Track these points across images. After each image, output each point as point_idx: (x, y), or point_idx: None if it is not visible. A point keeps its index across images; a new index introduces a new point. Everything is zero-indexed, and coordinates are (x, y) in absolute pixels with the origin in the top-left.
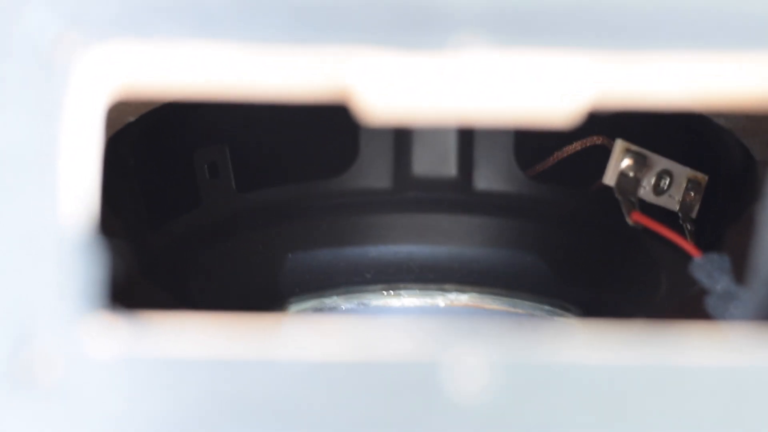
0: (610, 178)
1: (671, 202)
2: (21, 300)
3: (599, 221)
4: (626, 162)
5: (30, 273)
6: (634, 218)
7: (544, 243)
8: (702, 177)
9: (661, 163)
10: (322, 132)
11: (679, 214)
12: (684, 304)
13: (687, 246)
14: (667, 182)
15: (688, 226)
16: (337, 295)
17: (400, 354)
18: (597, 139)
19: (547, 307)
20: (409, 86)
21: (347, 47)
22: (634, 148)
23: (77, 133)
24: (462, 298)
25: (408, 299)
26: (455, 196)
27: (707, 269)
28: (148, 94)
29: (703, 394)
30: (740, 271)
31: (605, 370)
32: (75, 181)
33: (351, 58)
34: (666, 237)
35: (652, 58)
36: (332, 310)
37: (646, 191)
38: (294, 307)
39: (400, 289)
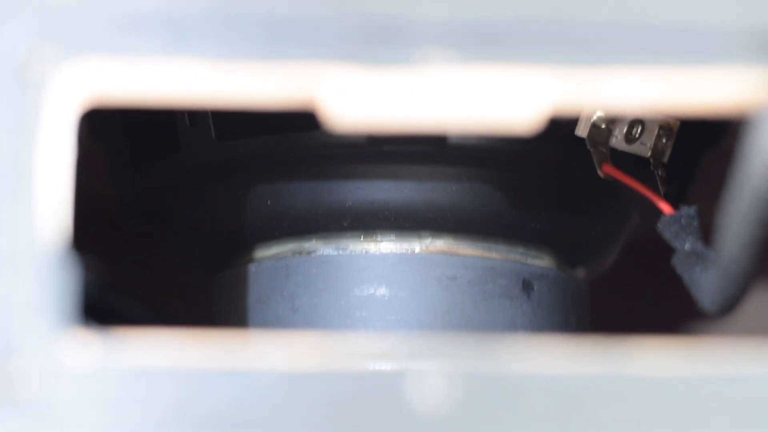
0: (582, 130)
1: (643, 149)
2: None
3: (571, 167)
4: (598, 113)
5: (6, 289)
6: (605, 170)
7: (516, 189)
8: (674, 122)
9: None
10: None
11: (651, 161)
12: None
13: (658, 201)
14: (639, 130)
15: (660, 172)
16: (316, 239)
17: (365, 365)
18: None
19: (521, 249)
20: (375, 99)
21: (314, 62)
22: None
23: (51, 148)
24: (437, 243)
25: (385, 244)
26: (429, 149)
27: (675, 228)
28: (120, 105)
29: (657, 405)
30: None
31: (562, 380)
32: (50, 196)
33: (318, 73)
34: (637, 190)
35: (607, 71)
36: (310, 253)
37: (617, 140)
38: (273, 249)
39: (377, 234)
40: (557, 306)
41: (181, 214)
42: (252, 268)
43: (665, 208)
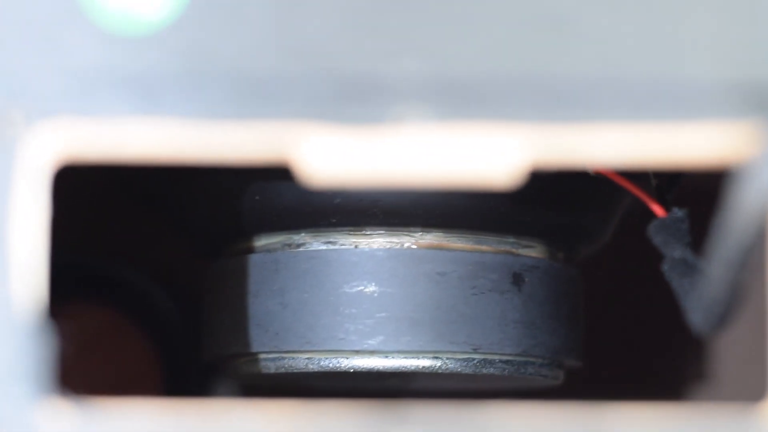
0: None
1: None
2: None
3: None
4: None
5: None
6: (597, 168)
7: None
8: None
9: None
10: None
11: None
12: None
13: (651, 203)
14: None
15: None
16: (305, 232)
17: None
18: None
19: (512, 239)
20: (351, 157)
21: (288, 121)
22: None
23: (25, 211)
24: (427, 237)
25: (375, 238)
26: None
27: (664, 234)
28: (93, 164)
29: None
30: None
31: None
32: (25, 262)
33: (292, 132)
34: (629, 190)
35: (587, 127)
36: (299, 246)
37: None
38: (263, 240)
39: (366, 231)
40: (548, 297)
41: (171, 199)
42: (242, 260)
43: (657, 210)
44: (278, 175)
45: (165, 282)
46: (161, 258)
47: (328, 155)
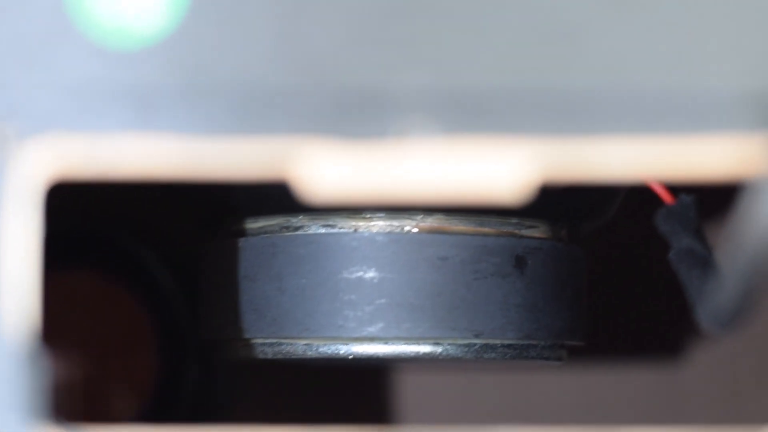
0: None
1: None
2: None
3: None
4: None
5: None
6: None
7: None
8: None
9: None
10: None
11: None
12: None
13: (658, 189)
14: None
15: None
16: (304, 215)
17: None
18: None
19: (515, 219)
20: (353, 173)
21: (289, 137)
22: None
23: (16, 230)
24: (429, 220)
25: (374, 222)
26: None
27: (671, 223)
28: (88, 181)
29: None
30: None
31: None
32: (17, 285)
33: (293, 148)
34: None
35: (598, 140)
36: (297, 229)
37: None
38: (260, 222)
39: (366, 213)
40: (552, 279)
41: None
42: (238, 243)
43: (665, 197)
44: None
45: (166, 256)
46: (162, 231)
47: (330, 171)
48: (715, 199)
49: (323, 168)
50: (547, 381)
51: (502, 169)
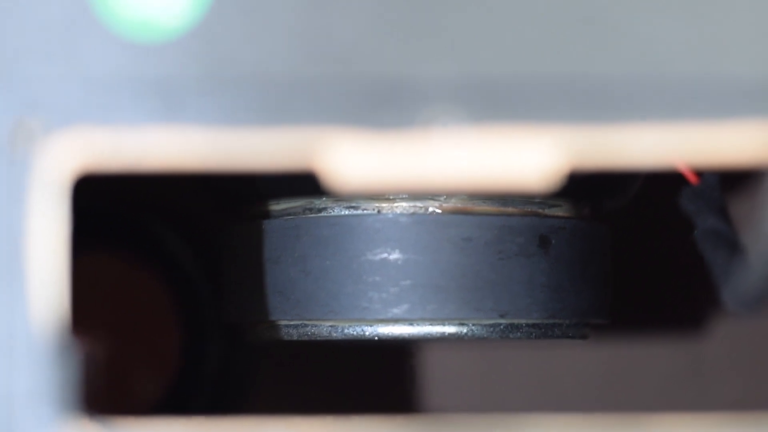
0: None
1: None
2: None
3: None
4: None
5: (4, 379)
6: None
7: None
8: None
9: None
10: None
11: None
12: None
13: (684, 171)
14: None
15: None
16: (327, 196)
17: None
18: None
19: (538, 199)
20: (381, 163)
21: (316, 127)
22: None
23: (43, 224)
24: (452, 201)
25: (398, 203)
26: None
27: (696, 202)
28: (114, 174)
29: None
30: None
31: None
32: (45, 279)
33: (320, 138)
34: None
35: (624, 127)
36: (321, 211)
37: None
38: (283, 204)
39: (389, 194)
40: (575, 258)
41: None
42: (262, 225)
43: (690, 176)
44: None
45: (189, 239)
46: (185, 214)
47: (357, 161)
48: (740, 184)
49: (349, 158)
50: (571, 357)
51: (529, 157)
